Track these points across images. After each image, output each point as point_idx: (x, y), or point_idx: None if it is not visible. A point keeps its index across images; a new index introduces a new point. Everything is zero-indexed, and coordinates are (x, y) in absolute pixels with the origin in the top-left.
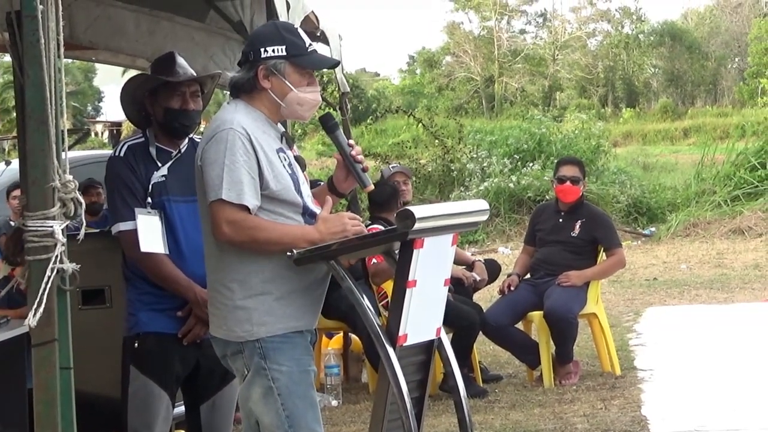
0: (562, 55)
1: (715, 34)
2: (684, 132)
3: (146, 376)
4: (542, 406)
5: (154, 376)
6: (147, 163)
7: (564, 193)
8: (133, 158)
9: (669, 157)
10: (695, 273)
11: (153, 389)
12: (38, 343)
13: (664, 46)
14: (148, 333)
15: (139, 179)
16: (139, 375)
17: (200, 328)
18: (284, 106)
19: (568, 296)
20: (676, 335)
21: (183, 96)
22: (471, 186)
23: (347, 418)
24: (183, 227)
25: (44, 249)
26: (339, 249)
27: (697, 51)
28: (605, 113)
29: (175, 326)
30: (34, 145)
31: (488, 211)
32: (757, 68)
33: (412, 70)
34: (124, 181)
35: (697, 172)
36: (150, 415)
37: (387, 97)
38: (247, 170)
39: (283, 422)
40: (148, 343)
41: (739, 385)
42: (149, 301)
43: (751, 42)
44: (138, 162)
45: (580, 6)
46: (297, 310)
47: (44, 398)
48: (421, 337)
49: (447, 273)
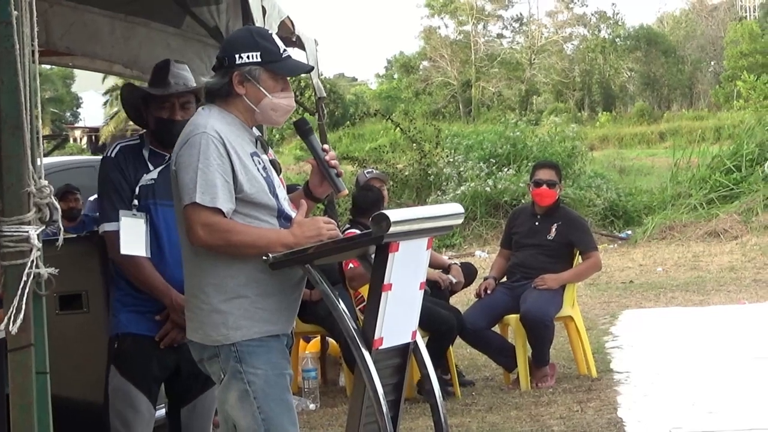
0: (539, 60)
1: (690, 38)
2: (660, 135)
3: (124, 376)
4: (519, 408)
5: (130, 377)
6: (137, 165)
7: (540, 196)
8: (123, 160)
9: (645, 160)
10: (671, 276)
11: (130, 390)
12: (14, 348)
13: (640, 50)
14: (127, 334)
15: (128, 181)
16: (116, 375)
17: (177, 333)
18: (258, 111)
19: (544, 299)
20: (652, 338)
21: (172, 107)
22: (448, 190)
23: (325, 422)
24: (167, 231)
25: (20, 254)
26: (315, 253)
27: (673, 55)
28: (582, 117)
29: (153, 329)
30: (9, 151)
31: (463, 215)
32: (733, 72)
33: (389, 74)
34: (113, 183)
35: (672, 176)
36: (128, 414)
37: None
38: (221, 174)
39: (260, 425)
40: (126, 344)
41: (715, 387)
42: (130, 302)
43: (727, 46)
44: (128, 164)
45: (557, 10)
46: (272, 314)
47: (20, 403)
48: (397, 341)
49: (422, 276)
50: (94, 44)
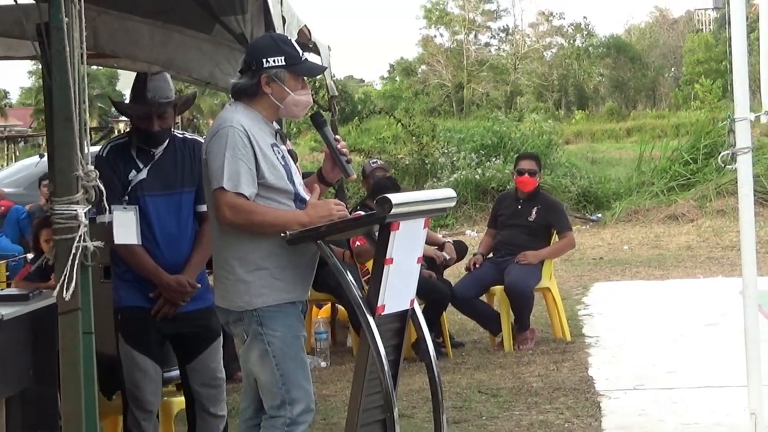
0: (522, 65)
1: (654, 47)
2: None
3: (128, 344)
4: (503, 367)
5: (133, 344)
6: (126, 163)
7: (523, 183)
8: (113, 158)
9: (614, 153)
10: (636, 253)
11: (135, 355)
12: (64, 311)
13: (610, 57)
14: (126, 307)
15: (119, 177)
16: (123, 342)
17: (169, 308)
18: (282, 107)
19: (525, 273)
20: (619, 307)
21: (149, 119)
22: (442, 177)
23: (334, 378)
24: (158, 219)
25: (69, 230)
26: (326, 230)
27: (639, 61)
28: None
29: (150, 301)
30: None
31: (455, 199)
32: (690, 77)
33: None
34: (105, 180)
35: (637, 166)
36: (136, 375)
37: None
38: (245, 162)
39: (278, 380)
40: (126, 315)
41: (673, 349)
42: (128, 278)
43: (685, 54)
44: (118, 161)
45: (538, 22)
46: (289, 284)
47: (69, 359)
48: (397, 308)
49: (420, 252)
50: (135, 48)
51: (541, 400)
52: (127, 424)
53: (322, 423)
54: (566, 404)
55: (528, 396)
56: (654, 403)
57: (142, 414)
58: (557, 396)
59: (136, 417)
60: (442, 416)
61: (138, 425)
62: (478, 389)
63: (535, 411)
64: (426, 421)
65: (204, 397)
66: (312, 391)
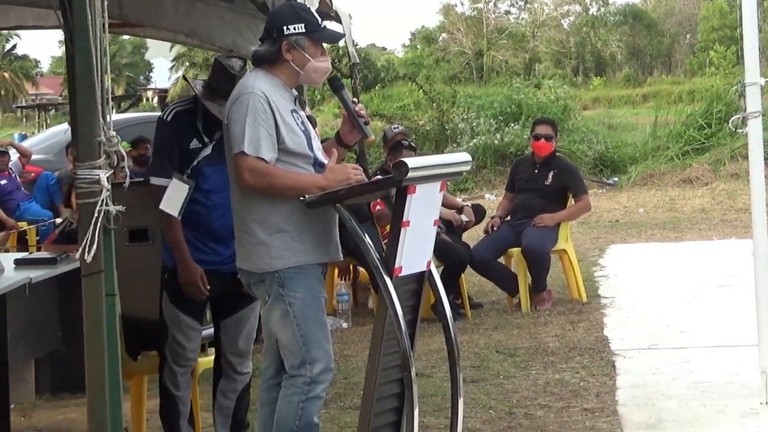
0: (541, 33)
1: (669, 15)
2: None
3: (172, 303)
4: (520, 327)
5: (178, 304)
6: (190, 132)
7: (539, 148)
8: (176, 123)
9: (630, 118)
10: (651, 216)
11: (178, 315)
12: (87, 273)
13: (627, 24)
14: (174, 267)
15: (179, 144)
16: (167, 302)
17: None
18: (302, 74)
19: (542, 235)
20: (634, 268)
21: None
22: (462, 143)
23: (355, 338)
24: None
25: (92, 194)
26: (345, 194)
27: (655, 29)
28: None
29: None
30: (82, 106)
31: (471, 163)
32: (705, 43)
33: (413, 45)
34: (165, 145)
35: (653, 131)
36: (177, 335)
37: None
38: (265, 128)
39: (298, 340)
40: (173, 275)
41: (686, 310)
42: None
43: (700, 21)
44: (181, 127)
45: None
46: (309, 246)
47: (92, 321)
48: (414, 269)
49: (436, 215)
50: (160, 17)
51: (557, 360)
52: (163, 380)
53: (344, 383)
54: (582, 363)
55: (544, 355)
56: (667, 363)
57: (180, 369)
58: (573, 355)
59: (174, 372)
60: (459, 375)
61: (174, 380)
62: (495, 349)
63: (551, 370)
64: (444, 380)
65: (232, 353)
66: (332, 351)
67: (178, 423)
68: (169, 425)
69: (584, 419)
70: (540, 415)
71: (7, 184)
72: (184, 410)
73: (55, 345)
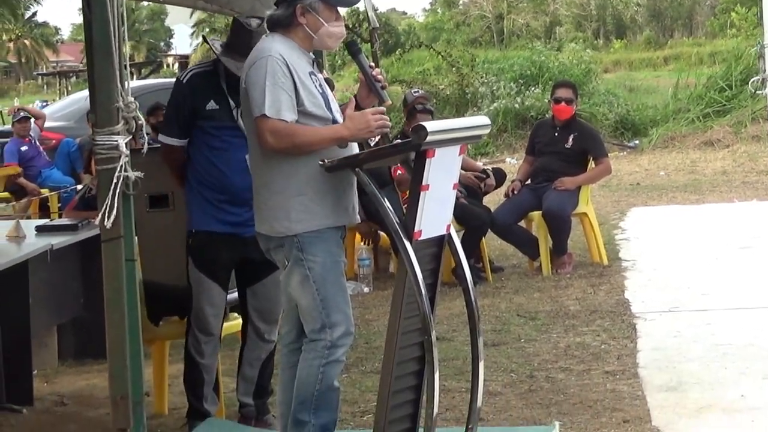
0: None
1: None
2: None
3: (197, 268)
4: (541, 291)
5: (203, 269)
6: (208, 93)
7: (559, 111)
8: (193, 86)
9: (651, 81)
10: (672, 179)
11: (203, 279)
12: (107, 239)
13: None
14: (199, 231)
15: (194, 107)
16: (192, 266)
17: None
18: (316, 38)
19: (562, 198)
20: (655, 231)
21: None
22: (482, 107)
23: (377, 302)
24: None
25: (111, 159)
26: (364, 158)
27: None
28: (598, 44)
29: (222, 226)
30: (100, 73)
31: (489, 126)
32: (726, 5)
33: (434, 9)
34: (177, 105)
35: (674, 94)
36: (202, 301)
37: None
38: (284, 90)
39: (318, 305)
40: (198, 239)
41: (708, 272)
42: (201, 201)
43: None
44: (197, 91)
45: None
46: (328, 210)
47: (112, 286)
48: (434, 233)
49: (455, 178)
50: None
51: (578, 323)
52: (187, 347)
53: (365, 347)
54: (603, 326)
55: (565, 319)
56: (688, 325)
57: (204, 337)
58: (594, 318)
59: (198, 339)
60: (479, 339)
61: (198, 347)
62: (516, 312)
63: (573, 333)
64: (465, 344)
65: (259, 320)
66: (351, 315)
67: (201, 390)
68: (193, 392)
69: (605, 382)
70: (561, 377)
71: (28, 150)
72: (208, 378)
73: (77, 311)
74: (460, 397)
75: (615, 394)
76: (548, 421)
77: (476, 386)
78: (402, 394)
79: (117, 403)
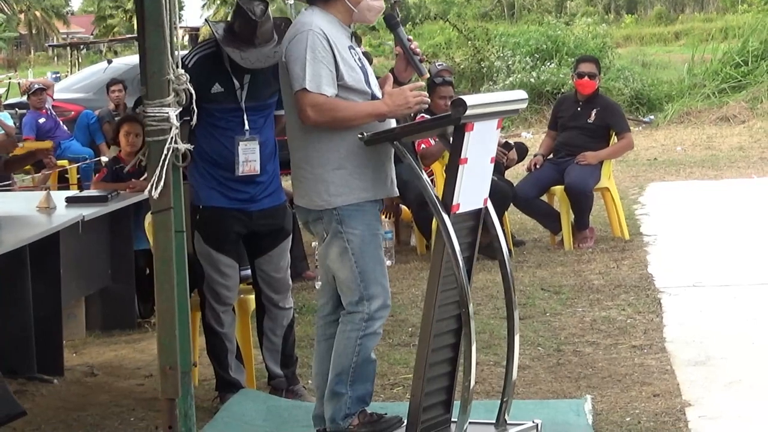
0: None
1: None
2: (675, 35)
3: (206, 243)
4: (564, 265)
5: (211, 243)
6: (212, 76)
7: (582, 86)
8: (198, 71)
9: (663, 56)
10: (689, 154)
11: (212, 253)
12: (157, 210)
13: None
14: (206, 207)
15: (198, 92)
16: (200, 241)
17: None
18: (356, 12)
19: (585, 173)
20: (674, 206)
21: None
22: (498, 81)
23: (399, 275)
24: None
25: (161, 131)
26: (402, 131)
27: None
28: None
29: (227, 202)
30: (151, 44)
31: (527, 100)
32: None
33: None
34: None
35: (689, 69)
36: (213, 274)
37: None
38: (325, 64)
39: (356, 276)
40: (205, 215)
41: (729, 246)
42: (207, 177)
43: None
44: (202, 76)
45: None
46: (367, 183)
47: (162, 257)
48: (471, 206)
49: (493, 152)
50: None
51: (602, 297)
52: (206, 318)
53: (390, 320)
54: (627, 301)
55: (590, 293)
56: (713, 300)
57: (221, 307)
58: (618, 293)
59: (216, 310)
60: (515, 312)
61: (218, 318)
62: (540, 287)
63: (598, 307)
64: (491, 317)
65: (271, 289)
66: (389, 288)
67: (226, 359)
68: (218, 362)
69: (633, 356)
70: (589, 351)
71: (46, 122)
72: (230, 347)
73: (105, 282)
74: (489, 370)
75: (643, 369)
76: (579, 394)
77: (512, 359)
78: (438, 366)
79: (166, 373)
